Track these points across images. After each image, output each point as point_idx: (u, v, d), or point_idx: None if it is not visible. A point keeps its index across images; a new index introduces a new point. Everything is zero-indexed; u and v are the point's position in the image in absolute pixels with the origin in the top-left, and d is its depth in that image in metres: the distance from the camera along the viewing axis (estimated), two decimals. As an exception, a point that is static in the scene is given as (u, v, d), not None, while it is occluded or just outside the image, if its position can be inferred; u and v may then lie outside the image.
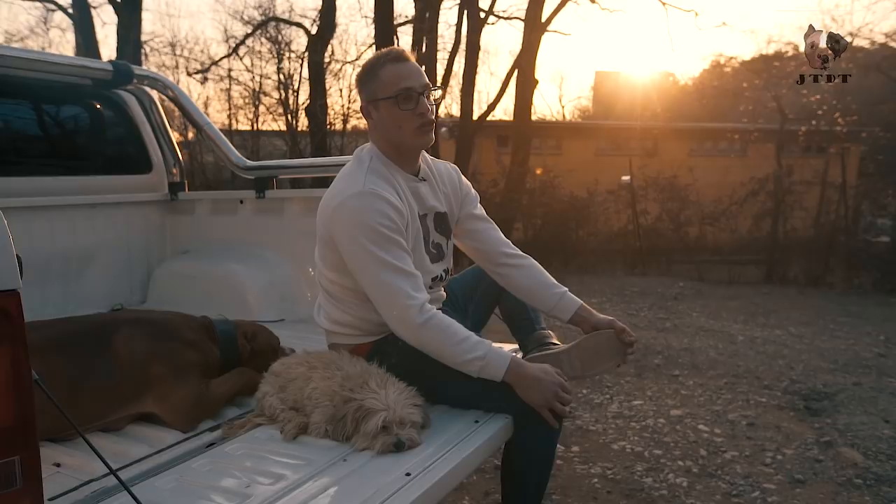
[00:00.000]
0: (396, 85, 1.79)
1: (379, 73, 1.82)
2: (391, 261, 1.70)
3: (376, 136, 1.90)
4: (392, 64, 1.81)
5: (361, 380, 1.61)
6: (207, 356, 1.85)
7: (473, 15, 12.60)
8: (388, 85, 1.80)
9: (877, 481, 2.99)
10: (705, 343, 5.56)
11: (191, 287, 3.03)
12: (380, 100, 1.82)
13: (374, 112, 1.86)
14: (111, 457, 1.53)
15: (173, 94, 3.14)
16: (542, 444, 1.72)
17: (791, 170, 9.70)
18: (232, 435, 1.66)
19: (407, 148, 1.88)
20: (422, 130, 1.83)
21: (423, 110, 1.81)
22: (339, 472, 1.40)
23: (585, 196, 10.96)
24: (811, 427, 3.67)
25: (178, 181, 3.35)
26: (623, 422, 3.78)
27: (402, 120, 1.80)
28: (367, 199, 1.73)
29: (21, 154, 2.97)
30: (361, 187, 1.75)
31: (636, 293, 7.99)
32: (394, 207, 1.76)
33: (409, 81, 1.80)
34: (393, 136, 1.85)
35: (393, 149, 1.88)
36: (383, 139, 1.88)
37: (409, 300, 1.68)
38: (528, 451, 1.74)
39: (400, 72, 1.80)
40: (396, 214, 1.76)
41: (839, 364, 5.00)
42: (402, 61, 1.82)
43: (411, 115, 1.80)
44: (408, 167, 1.91)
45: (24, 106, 3.02)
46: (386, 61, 1.82)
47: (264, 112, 16.57)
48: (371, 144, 1.93)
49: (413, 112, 1.80)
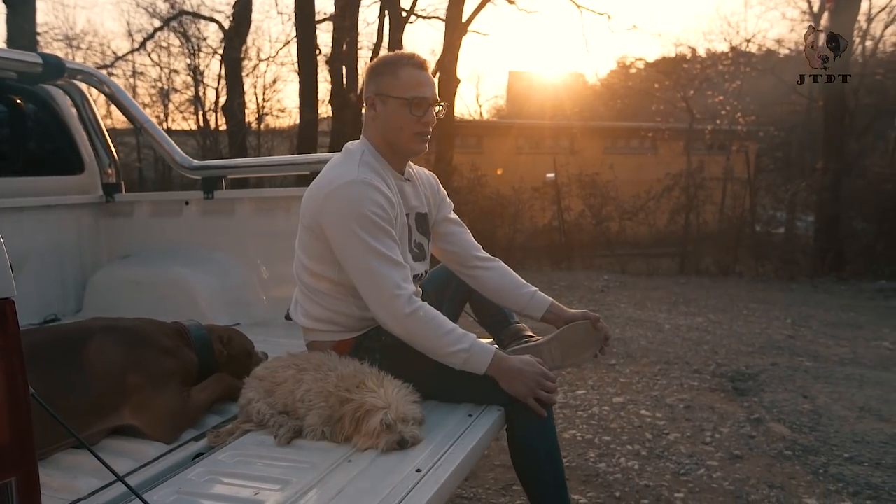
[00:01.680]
0: (413, 90, 1.83)
1: (398, 72, 1.84)
2: (382, 250, 1.71)
3: (372, 130, 1.90)
4: (413, 68, 1.85)
5: (357, 379, 1.59)
6: (185, 363, 1.77)
7: (395, 14, 12.59)
8: (405, 86, 1.83)
9: (804, 452, 3.24)
10: (636, 332, 5.82)
11: (134, 294, 2.87)
12: (391, 97, 1.84)
13: (381, 106, 1.87)
14: (92, 474, 1.45)
15: (109, 90, 2.97)
16: (538, 432, 1.75)
17: (702, 166, 10.32)
18: (219, 443, 1.60)
19: (401, 150, 1.90)
20: (420, 138, 1.87)
21: (429, 120, 1.86)
22: (347, 473, 1.39)
23: (511, 193, 11.19)
24: (741, 406, 3.93)
25: (114, 182, 3.16)
26: (570, 411, 3.90)
27: (406, 123, 1.84)
28: (360, 188, 1.73)
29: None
30: (355, 176, 1.76)
31: (564, 287, 8.25)
32: (386, 198, 1.77)
33: (424, 91, 1.84)
34: (391, 134, 1.87)
35: (387, 146, 1.89)
36: (379, 135, 1.89)
37: (397, 290, 1.69)
38: (528, 442, 1.77)
39: (419, 78, 1.85)
40: (388, 205, 1.77)
41: (756, 347, 5.37)
42: (423, 70, 1.87)
43: (417, 122, 1.84)
44: (396, 166, 1.93)
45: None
46: (408, 63, 1.86)
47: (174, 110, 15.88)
48: (362, 139, 1.93)
49: (419, 119, 1.84)
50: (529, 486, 1.84)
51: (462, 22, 12.48)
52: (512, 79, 32.57)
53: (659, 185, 10.26)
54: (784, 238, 10.69)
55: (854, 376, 4.47)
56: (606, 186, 10.53)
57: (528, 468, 1.80)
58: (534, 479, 1.80)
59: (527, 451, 1.77)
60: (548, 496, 1.78)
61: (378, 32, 13.01)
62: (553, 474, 1.77)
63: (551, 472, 1.77)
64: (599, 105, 22.95)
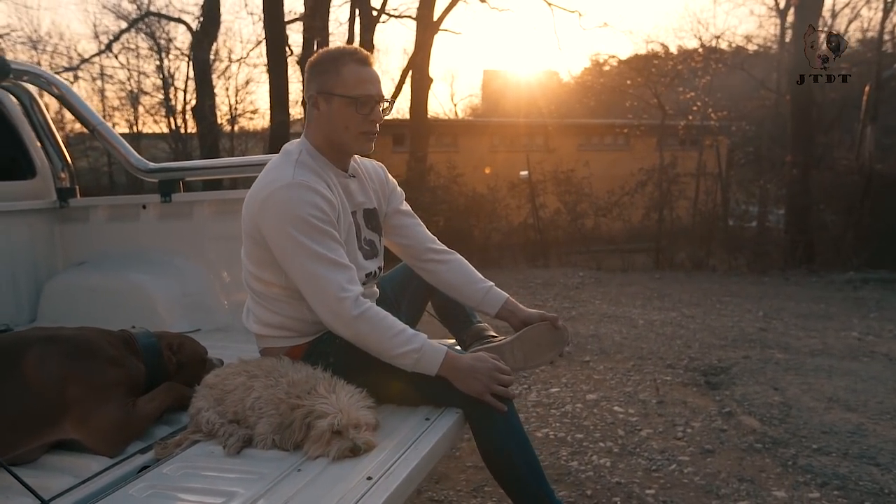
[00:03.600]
0: (358, 88, 1.77)
1: (341, 69, 1.77)
2: (323, 252, 1.65)
3: (315, 129, 1.84)
4: (357, 65, 1.78)
5: (309, 385, 1.54)
6: (131, 372, 1.70)
7: (366, 13, 12.52)
8: (350, 85, 1.77)
9: (773, 444, 3.25)
10: (610, 328, 5.83)
11: (90, 301, 2.79)
12: (335, 95, 1.77)
13: (324, 105, 1.80)
14: (25, 494, 1.38)
15: (59, 91, 2.87)
16: (504, 431, 1.70)
17: (675, 161, 10.40)
18: (166, 455, 1.53)
19: (346, 149, 1.84)
20: (367, 137, 1.82)
21: (375, 118, 1.80)
22: (296, 482, 1.34)
23: (486, 192, 11.18)
24: (713, 400, 3.95)
25: (69, 186, 3.07)
26: (543, 409, 3.88)
27: (352, 122, 1.78)
28: (296, 191, 1.67)
29: None
30: (290, 178, 1.70)
31: (540, 285, 8.25)
32: (325, 199, 1.71)
33: (370, 88, 1.79)
34: (336, 134, 1.80)
35: (329, 145, 1.83)
36: (322, 134, 1.83)
37: (342, 292, 1.64)
38: (495, 444, 1.71)
39: (363, 75, 1.78)
40: (328, 206, 1.71)
41: (729, 340, 5.40)
42: (366, 65, 1.81)
43: (363, 120, 1.78)
44: (339, 164, 1.87)
45: None
46: (350, 60, 1.79)
47: (144, 113, 15.64)
48: (302, 138, 1.87)
49: (366, 118, 1.78)
50: (507, 487, 1.78)
51: (433, 21, 12.45)
52: (487, 77, 32.61)
53: (633, 179, 10.31)
54: (756, 231, 10.82)
55: (823, 367, 4.51)
56: (581, 183, 10.57)
57: (502, 469, 1.75)
58: (510, 480, 1.75)
59: (496, 452, 1.72)
60: (528, 493, 1.73)
61: (349, 32, 12.92)
62: (528, 470, 1.72)
63: (525, 468, 1.71)
64: (574, 102, 23.07)
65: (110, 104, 15.99)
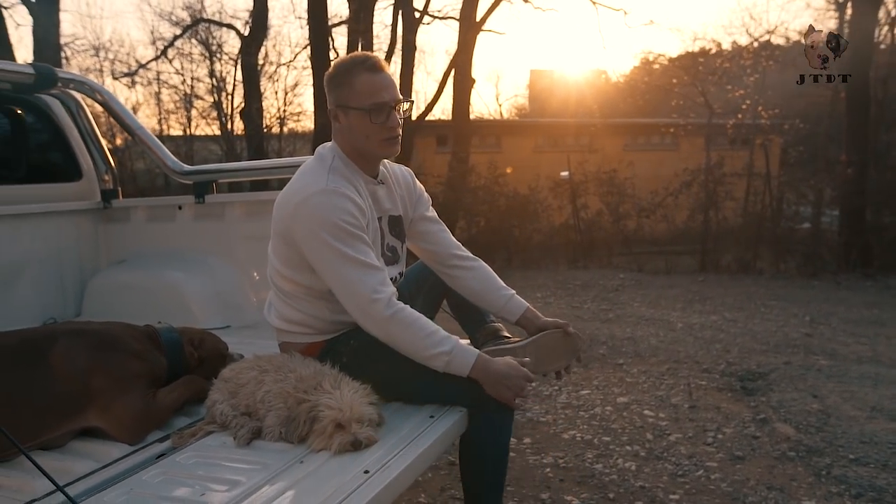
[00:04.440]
0: (370, 97, 1.78)
1: (353, 81, 1.80)
2: (356, 256, 1.70)
3: (341, 139, 1.89)
4: (367, 73, 1.80)
5: (315, 381, 1.59)
6: (153, 365, 1.79)
7: (408, 15, 12.63)
8: (362, 95, 1.79)
9: (808, 453, 3.16)
10: (647, 331, 5.74)
11: (130, 298, 2.92)
12: (351, 108, 1.81)
13: (343, 117, 1.84)
14: (54, 474, 1.47)
15: (102, 98, 3.02)
16: (498, 433, 1.75)
17: (722, 161, 10.13)
18: (182, 444, 1.61)
19: (371, 156, 1.88)
20: (389, 143, 1.84)
21: (393, 124, 1.81)
22: (296, 473, 1.39)
23: (527, 192, 11.13)
24: (748, 406, 3.85)
25: (112, 188, 3.22)
26: (572, 411, 3.86)
27: (371, 131, 1.80)
28: (330, 197, 1.72)
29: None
30: (324, 185, 1.75)
31: (579, 286, 8.17)
32: (356, 205, 1.76)
33: (382, 95, 1.79)
34: (359, 144, 1.84)
35: (356, 153, 1.87)
36: (348, 143, 1.87)
37: (375, 294, 1.68)
38: (485, 442, 1.76)
39: (374, 83, 1.80)
40: (359, 211, 1.76)
41: (770, 345, 5.25)
42: (377, 72, 1.81)
43: (381, 128, 1.80)
44: (368, 170, 1.91)
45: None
46: (362, 69, 1.80)
47: (197, 116, 16.15)
48: (333, 143, 1.92)
49: (383, 125, 1.80)
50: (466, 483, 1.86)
51: (476, 21, 12.45)
52: (534, 77, 32.37)
53: (677, 181, 10.09)
54: (808, 233, 10.45)
55: (869, 375, 4.34)
56: (623, 184, 10.40)
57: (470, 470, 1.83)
58: (471, 482, 1.83)
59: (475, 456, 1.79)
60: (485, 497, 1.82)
61: (391, 34, 13.07)
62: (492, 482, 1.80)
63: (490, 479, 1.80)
64: (621, 102, 22.71)
65: (165, 108, 16.57)
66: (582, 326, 5.93)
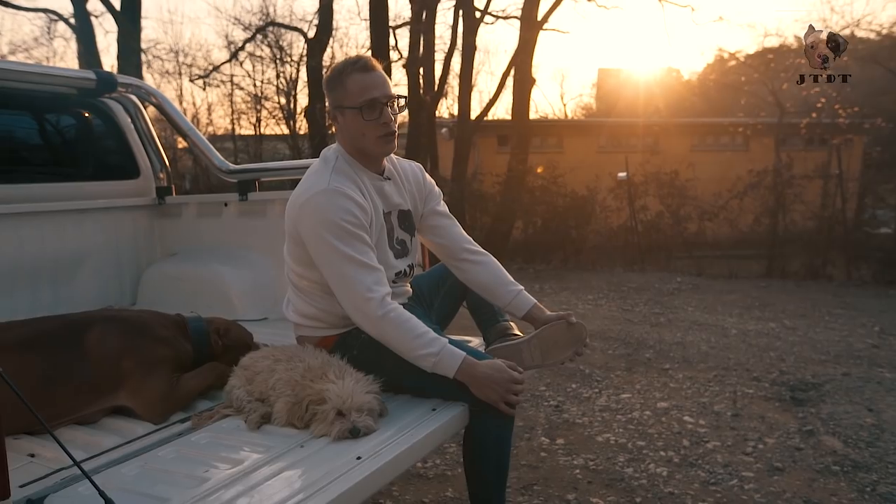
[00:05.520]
0: (361, 95, 1.85)
1: (345, 82, 1.88)
2: (354, 255, 1.77)
3: (342, 139, 1.97)
4: (358, 73, 1.87)
5: (321, 371, 1.67)
6: (179, 352, 1.92)
7: (469, 15, 12.67)
8: (353, 94, 1.86)
9: (854, 468, 3.02)
10: (698, 337, 5.59)
11: (178, 288, 3.11)
12: (345, 108, 1.89)
13: (340, 118, 1.93)
14: (83, 447, 1.61)
15: (157, 101, 3.22)
16: (497, 431, 1.79)
17: (791, 163, 9.68)
18: (200, 426, 1.73)
19: (370, 153, 1.94)
20: (384, 140, 1.90)
21: (386, 120, 1.88)
22: (294, 456, 1.47)
23: (586, 193, 10.97)
24: (795, 416, 3.71)
25: (166, 186, 3.43)
26: (609, 415, 3.82)
27: (365, 129, 1.87)
28: (331, 197, 1.80)
29: (11, 162, 3.06)
30: (326, 185, 1.82)
31: (633, 289, 8.02)
32: (357, 204, 1.82)
33: (373, 92, 1.85)
34: (357, 142, 1.92)
35: (357, 151, 1.95)
36: (349, 143, 1.95)
37: (369, 293, 1.75)
38: (484, 439, 1.81)
39: (365, 82, 1.86)
40: (360, 211, 1.82)
41: (831, 355, 5.02)
42: (368, 71, 1.87)
43: (375, 125, 1.87)
44: (372, 167, 1.98)
45: (15, 116, 3.12)
46: (353, 70, 1.88)
47: (266, 116, 16.73)
48: (337, 144, 2.00)
49: (377, 122, 1.86)
50: (469, 480, 1.90)
51: (537, 20, 12.36)
52: (602, 76, 31.80)
53: (741, 183, 9.70)
54: (887, 239, 9.85)
55: (936, 390, 4.09)
56: (684, 185, 10.09)
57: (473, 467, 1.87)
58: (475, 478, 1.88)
59: (477, 452, 1.83)
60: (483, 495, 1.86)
61: (452, 34, 13.15)
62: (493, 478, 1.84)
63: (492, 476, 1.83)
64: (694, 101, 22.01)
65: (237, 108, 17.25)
66: (630, 330, 5.83)
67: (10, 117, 3.04)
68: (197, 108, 17.76)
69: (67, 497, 1.34)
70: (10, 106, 3.00)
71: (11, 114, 3.03)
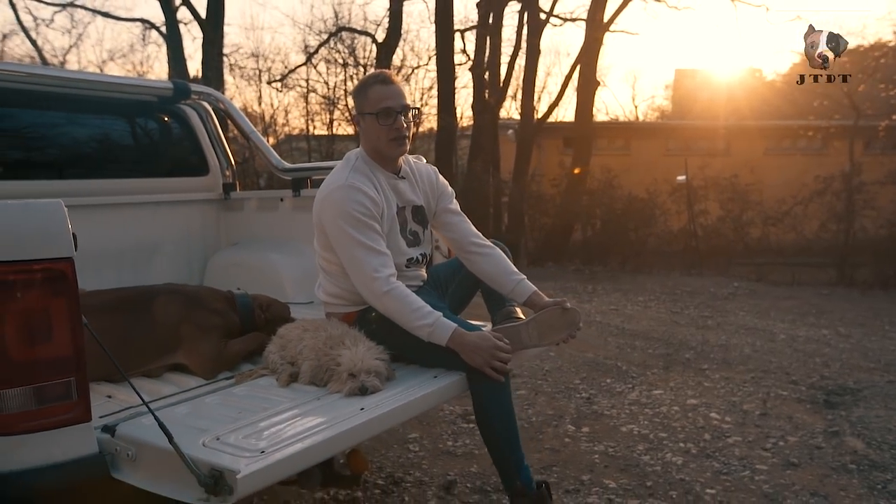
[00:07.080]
0: (378, 103, 2.19)
1: (367, 92, 2.22)
2: (364, 241, 2.08)
3: (363, 141, 2.29)
4: (378, 85, 2.21)
5: (340, 339, 1.98)
6: (228, 321, 2.28)
7: (534, 17, 12.82)
8: (373, 102, 2.20)
9: (870, 467, 3.07)
10: (743, 340, 5.60)
11: (239, 274, 3.50)
12: (366, 114, 2.22)
13: (362, 122, 2.26)
14: (148, 393, 1.97)
15: (224, 107, 3.63)
16: (493, 394, 2.05)
17: (860, 168, 9.34)
18: (241, 382, 2.07)
19: (385, 154, 2.25)
20: (396, 142, 2.21)
21: (398, 126, 2.19)
22: (310, 406, 1.78)
23: (646, 196, 10.92)
24: (823, 418, 3.74)
25: (231, 182, 3.84)
26: (638, 408, 3.96)
27: (381, 132, 2.20)
28: (347, 191, 2.12)
29: (104, 160, 3.53)
30: (344, 181, 2.14)
31: (687, 293, 8.00)
32: (369, 198, 2.13)
33: (389, 102, 2.19)
34: (374, 143, 2.24)
35: (374, 152, 2.26)
36: (368, 145, 2.27)
37: (376, 273, 2.05)
38: (486, 404, 2.08)
39: (384, 93, 2.19)
40: (372, 204, 2.13)
41: (881, 363, 4.94)
42: (387, 84, 2.22)
43: (388, 129, 2.19)
44: (388, 167, 2.28)
45: (106, 120, 3.59)
46: (375, 82, 2.23)
47: (339, 117, 17.39)
48: (360, 147, 2.32)
49: (390, 127, 2.18)
50: (488, 445, 2.15)
51: (603, 22, 12.39)
52: (678, 77, 31.01)
53: (807, 189, 9.43)
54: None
55: (981, 401, 4.01)
56: (746, 190, 9.90)
57: (485, 431, 2.12)
58: (490, 441, 2.13)
59: (484, 415, 2.08)
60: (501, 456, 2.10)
61: (516, 36, 13.34)
62: (504, 437, 2.07)
63: (503, 435, 2.07)
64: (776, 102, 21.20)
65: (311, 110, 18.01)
66: (675, 331, 5.89)
67: (103, 121, 3.51)
68: (275, 108, 18.65)
69: (134, 425, 1.69)
70: (102, 112, 3.47)
71: (104, 118, 3.50)
